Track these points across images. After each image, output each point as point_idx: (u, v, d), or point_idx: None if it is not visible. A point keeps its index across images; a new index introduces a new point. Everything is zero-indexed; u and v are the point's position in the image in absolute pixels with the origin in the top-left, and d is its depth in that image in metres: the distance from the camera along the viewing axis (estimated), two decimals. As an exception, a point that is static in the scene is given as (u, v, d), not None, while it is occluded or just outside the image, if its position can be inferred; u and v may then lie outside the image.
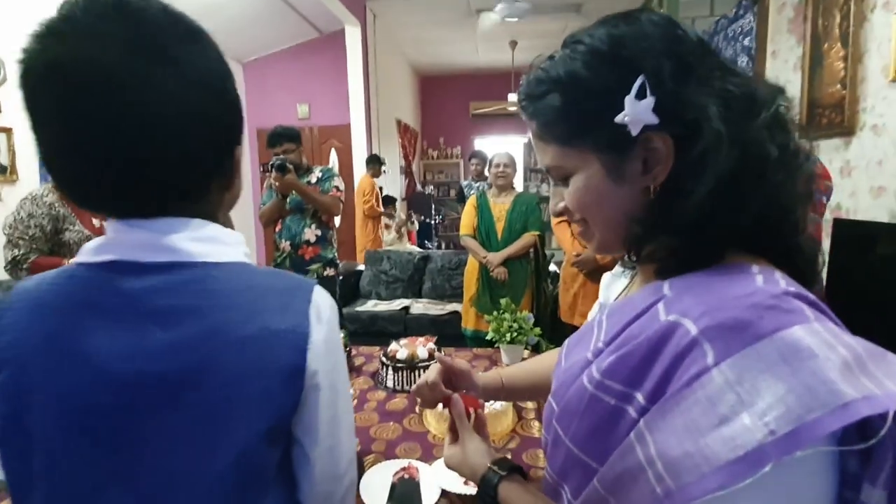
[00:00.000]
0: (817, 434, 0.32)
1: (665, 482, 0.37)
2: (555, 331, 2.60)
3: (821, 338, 0.36)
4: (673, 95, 0.44)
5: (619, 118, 0.44)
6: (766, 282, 0.42)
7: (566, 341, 0.65)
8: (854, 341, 0.37)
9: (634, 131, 0.44)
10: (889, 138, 2.28)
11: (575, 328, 2.38)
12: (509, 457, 1.04)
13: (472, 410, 0.72)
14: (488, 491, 0.60)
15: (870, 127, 2.40)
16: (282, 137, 2.52)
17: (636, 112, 0.44)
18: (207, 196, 0.53)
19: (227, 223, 0.57)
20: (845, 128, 2.47)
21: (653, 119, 0.44)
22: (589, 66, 0.46)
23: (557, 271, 3.39)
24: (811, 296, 0.41)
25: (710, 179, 0.43)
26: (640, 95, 0.43)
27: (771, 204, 0.44)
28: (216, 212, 0.55)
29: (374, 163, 4.87)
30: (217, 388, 0.47)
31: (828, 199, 1.85)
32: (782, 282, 0.42)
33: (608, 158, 0.48)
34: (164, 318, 0.47)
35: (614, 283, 0.66)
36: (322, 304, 0.53)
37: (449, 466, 0.69)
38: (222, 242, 0.52)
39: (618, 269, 0.66)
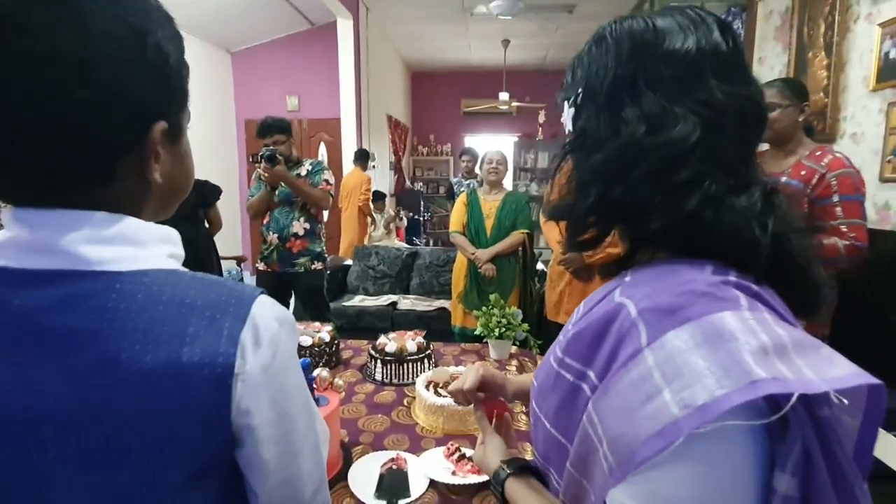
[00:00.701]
0: (724, 407, 0.35)
1: (608, 459, 0.40)
2: (541, 329, 2.63)
3: (746, 324, 0.38)
4: (591, 111, 0.50)
5: (563, 116, 0.54)
6: (714, 272, 0.44)
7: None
8: (784, 332, 0.38)
9: (566, 129, 0.53)
10: (867, 146, 2.35)
11: (559, 326, 2.41)
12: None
13: (497, 413, 0.76)
14: (497, 487, 0.63)
15: (849, 135, 2.47)
16: (272, 128, 2.50)
17: (565, 116, 0.53)
18: (116, 181, 0.42)
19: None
20: (827, 135, 2.54)
21: (568, 126, 0.53)
22: (574, 61, 0.53)
23: (545, 270, 3.43)
24: (755, 287, 0.43)
25: (590, 171, 0.49)
26: (572, 103, 0.52)
27: (719, 224, 0.44)
28: (138, 202, 0.45)
29: (364, 158, 4.87)
30: (111, 434, 0.38)
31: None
32: (732, 274, 0.44)
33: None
34: (55, 342, 0.38)
35: None
36: (263, 322, 0.43)
37: (476, 463, 0.73)
38: (135, 243, 0.42)
39: None
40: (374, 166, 5.38)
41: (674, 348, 0.38)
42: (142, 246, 0.43)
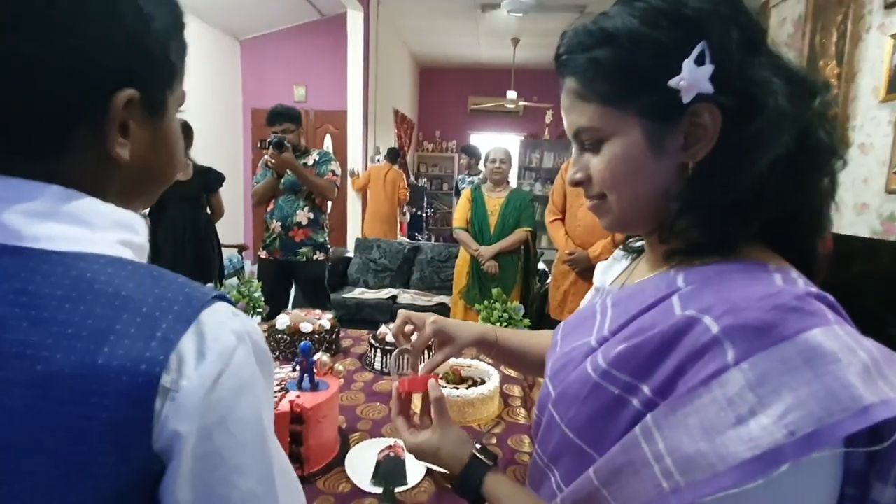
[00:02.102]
0: (837, 436, 0.33)
1: (674, 478, 0.38)
2: (540, 326, 2.63)
3: (842, 341, 0.36)
4: (737, 66, 0.42)
5: (673, 81, 0.42)
6: (785, 281, 0.41)
7: (561, 324, 0.64)
8: (870, 344, 0.37)
9: (687, 98, 0.42)
10: (875, 157, 2.35)
11: (562, 324, 2.40)
12: (494, 441, 1.07)
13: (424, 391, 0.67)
14: (473, 480, 0.58)
15: (857, 145, 2.46)
16: (282, 116, 2.51)
17: (694, 78, 0.42)
18: (72, 154, 0.37)
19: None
20: (834, 144, 2.54)
21: (708, 88, 0.42)
22: (649, 23, 0.44)
23: (546, 270, 3.43)
24: (830, 297, 0.41)
25: (763, 158, 0.42)
26: (700, 61, 0.41)
27: (811, 196, 0.44)
28: (100, 182, 0.39)
29: (396, 156, 5.14)
30: (1, 447, 0.31)
31: None
32: (800, 281, 0.42)
33: (651, 126, 0.45)
34: None
35: (612, 268, 0.66)
36: (213, 331, 0.35)
37: (417, 453, 0.64)
38: (82, 223, 0.36)
39: (618, 253, 0.66)
40: (378, 160, 5.39)
41: (770, 369, 0.36)
42: (89, 227, 0.36)
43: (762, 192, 0.42)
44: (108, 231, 0.37)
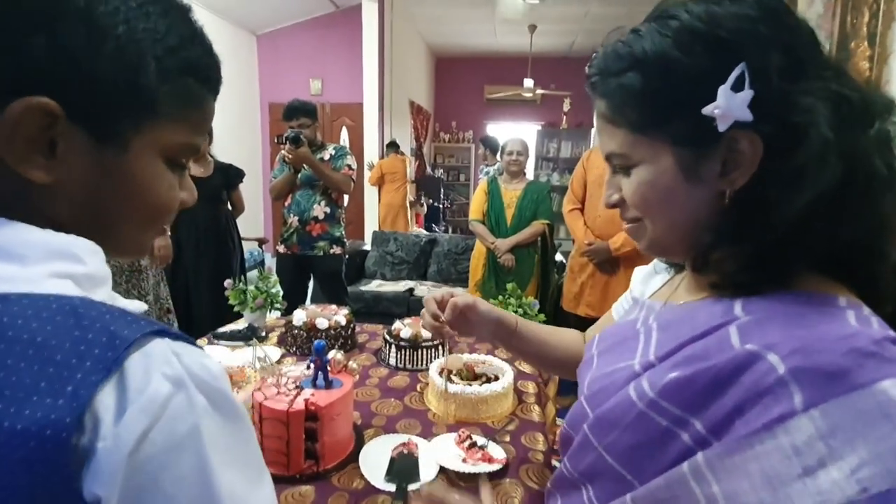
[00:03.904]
0: None
1: None
2: (557, 320, 2.61)
3: None
4: (777, 92, 0.39)
5: (707, 109, 0.39)
6: (859, 320, 0.39)
7: (596, 339, 0.61)
8: None
9: (723, 126, 0.40)
10: (910, 143, 2.25)
11: (578, 317, 2.38)
12: (508, 439, 1.07)
13: None
14: None
15: (891, 130, 2.36)
16: (298, 111, 2.52)
17: (730, 106, 0.39)
18: None
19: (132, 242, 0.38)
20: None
21: (747, 116, 0.39)
22: (681, 46, 0.41)
23: (564, 262, 3.40)
24: None
25: (806, 193, 0.39)
26: (737, 87, 0.39)
27: (867, 226, 0.41)
28: (31, 209, 0.34)
29: (397, 146, 5.19)
30: None
31: None
32: (874, 321, 0.39)
33: (684, 154, 0.43)
34: None
35: (652, 279, 0.63)
36: (138, 378, 0.29)
37: None
38: (9, 258, 0.31)
39: (658, 264, 0.63)
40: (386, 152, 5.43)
41: (843, 419, 0.34)
42: (18, 262, 0.31)
43: (806, 228, 0.39)
44: (40, 264, 0.32)
